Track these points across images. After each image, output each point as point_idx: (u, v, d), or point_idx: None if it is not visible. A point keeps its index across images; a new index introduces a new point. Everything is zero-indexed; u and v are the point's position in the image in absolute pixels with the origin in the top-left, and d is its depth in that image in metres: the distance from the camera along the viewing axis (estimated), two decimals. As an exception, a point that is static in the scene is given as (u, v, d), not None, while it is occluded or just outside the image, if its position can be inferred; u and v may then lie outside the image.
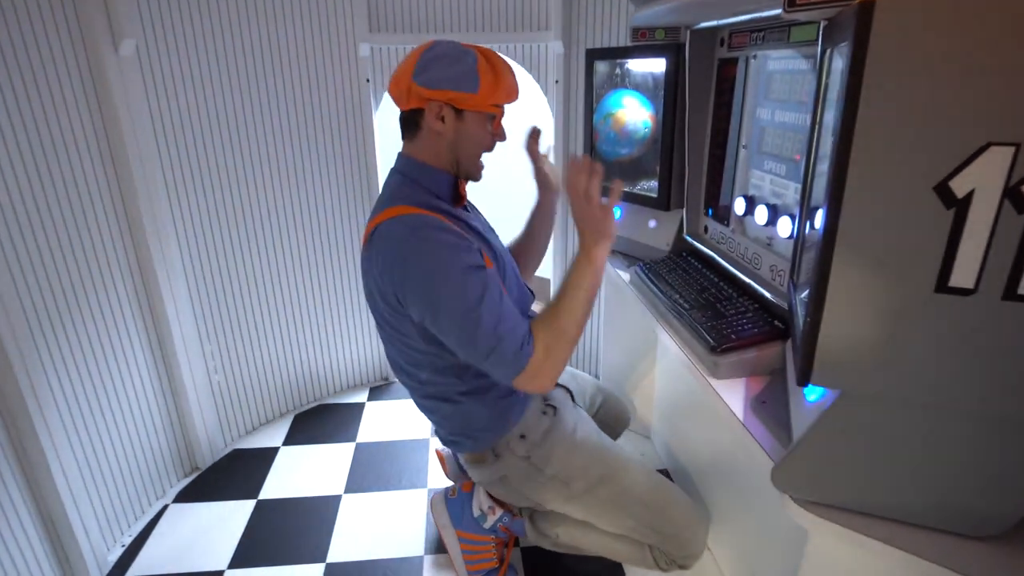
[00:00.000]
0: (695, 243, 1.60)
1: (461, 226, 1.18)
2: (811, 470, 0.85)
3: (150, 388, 1.86)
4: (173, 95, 1.81)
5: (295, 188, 2.17)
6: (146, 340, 1.83)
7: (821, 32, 0.95)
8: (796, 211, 1.20)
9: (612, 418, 1.70)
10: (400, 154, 1.26)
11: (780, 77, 1.23)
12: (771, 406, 1.07)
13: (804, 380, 0.77)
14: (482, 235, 1.25)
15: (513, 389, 1.20)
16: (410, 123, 1.21)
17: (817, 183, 0.92)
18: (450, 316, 1.09)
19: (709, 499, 1.70)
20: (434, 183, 1.22)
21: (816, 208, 0.95)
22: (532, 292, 1.40)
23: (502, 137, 1.25)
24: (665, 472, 2.02)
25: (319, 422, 2.35)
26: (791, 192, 1.22)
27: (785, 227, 1.19)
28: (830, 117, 0.80)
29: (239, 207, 2.05)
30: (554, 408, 1.38)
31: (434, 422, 1.40)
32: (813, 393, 0.87)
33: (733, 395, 1.15)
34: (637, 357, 2.12)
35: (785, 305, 1.21)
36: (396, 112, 1.22)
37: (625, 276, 1.74)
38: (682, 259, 1.61)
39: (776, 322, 1.23)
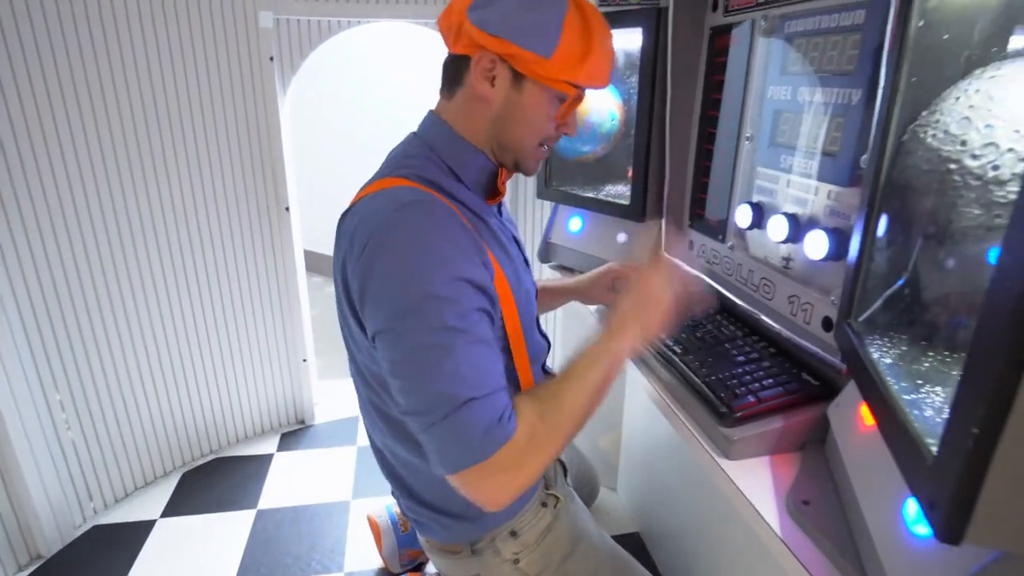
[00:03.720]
0: (677, 261, 1.27)
1: (479, 226, 0.83)
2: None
3: (-42, 458, 1.37)
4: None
5: (177, 190, 1.73)
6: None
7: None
8: (835, 224, 0.88)
9: (586, 492, 1.35)
10: (429, 112, 0.89)
11: (809, 41, 0.91)
12: (819, 510, 0.73)
13: (951, 536, 0.42)
14: (505, 247, 0.88)
15: None
16: (452, 73, 0.85)
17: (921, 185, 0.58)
18: (405, 339, 0.72)
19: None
20: (463, 164, 0.85)
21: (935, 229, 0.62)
22: (548, 340, 1.03)
23: (570, 130, 0.88)
24: (636, 536, 1.68)
25: (212, 482, 1.89)
26: (822, 197, 0.90)
27: (817, 245, 0.87)
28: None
29: (98, 210, 1.59)
30: (556, 499, 1.02)
31: (394, 489, 1.01)
32: (923, 524, 0.53)
33: (754, 484, 0.81)
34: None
35: (817, 350, 0.88)
36: (306, 99, 0.85)
37: (590, 306, 1.39)
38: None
39: (805, 375, 0.90)
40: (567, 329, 1.97)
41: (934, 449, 0.48)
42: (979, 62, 0.58)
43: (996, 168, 0.53)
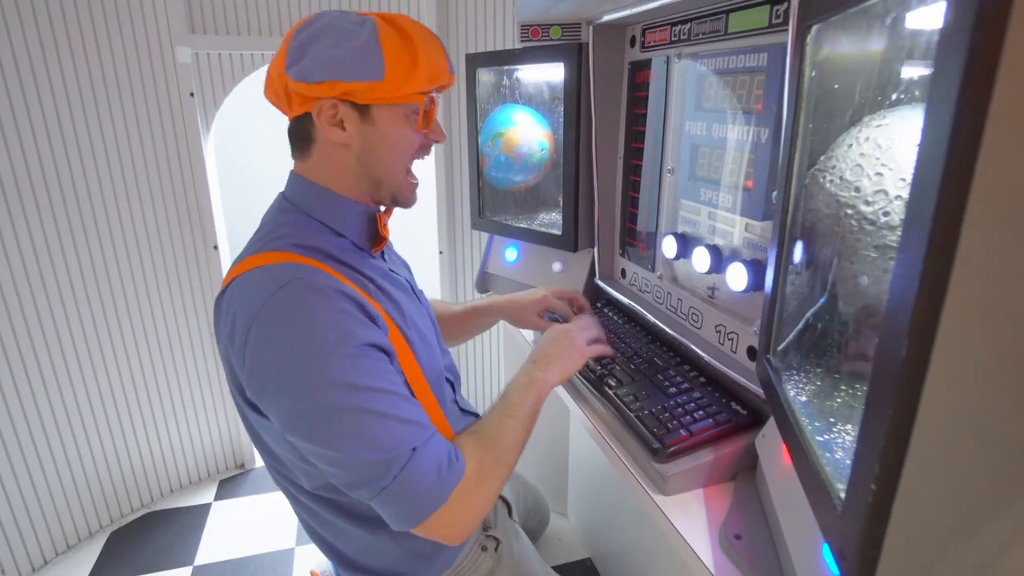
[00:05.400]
0: (610, 290, 1.28)
1: (366, 286, 0.80)
2: None
3: None
4: None
5: (93, 230, 1.64)
6: None
7: (796, 5, 0.65)
8: (753, 256, 0.90)
9: (535, 522, 1.34)
10: (291, 173, 0.86)
11: (720, 79, 0.93)
12: (750, 545, 0.74)
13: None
14: (395, 299, 0.85)
15: None
16: (299, 135, 0.82)
17: (820, 225, 0.60)
18: (325, 426, 0.70)
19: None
20: (337, 218, 0.83)
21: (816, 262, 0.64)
22: (456, 374, 1.03)
23: (439, 136, 0.86)
24: (588, 562, 1.67)
25: (144, 540, 1.78)
26: (740, 230, 0.93)
27: (738, 277, 0.89)
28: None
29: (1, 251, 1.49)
30: (497, 541, 1.00)
31: (321, 549, 0.96)
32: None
33: (689, 519, 0.81)
34: (545, 422, 1.77)
35: (742, 379, 0.90)
36: (238, 134, 0.81)
37: (528, 335, 1.39)
38: (597, 312, 1.29)
39: (734, 404, 0.91)
40: (507, 362, 1.96)
41: (843, 495, 0.49)
42: (867, 110, 0.61)
43: (887, 214, 0.55)
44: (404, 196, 0.87)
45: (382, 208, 0.89)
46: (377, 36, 0.75)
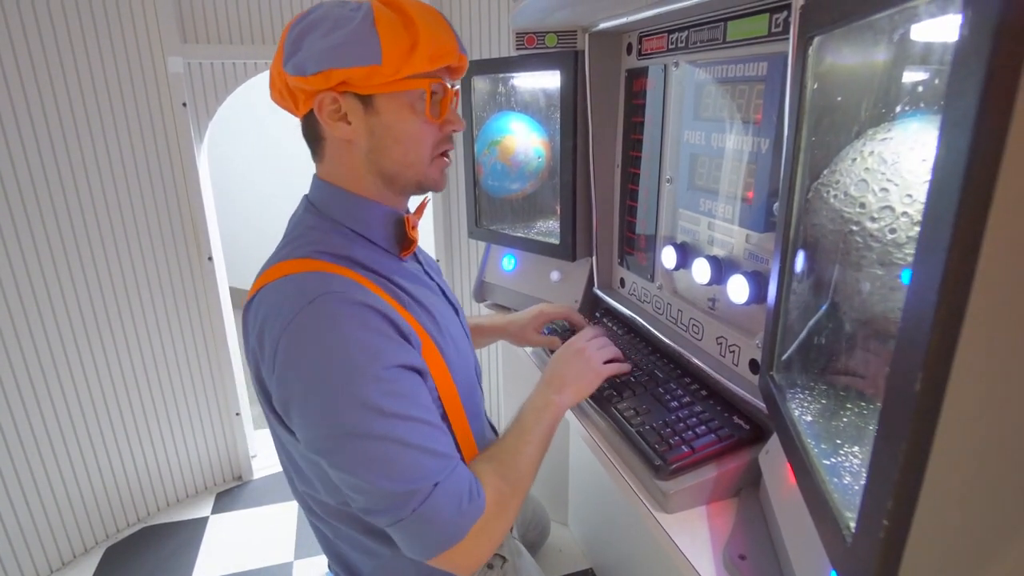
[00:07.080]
0: (609, 300, 1.27)
1: (399, 295, 0.77)
2: None
3: None
4: None
5: (85, 243, 1.62)
6: None
7: (797, 16, 0.64)
8: (754, 267, 0.89)
9: (535, 534, 1.32)
10: (314, 176, 0.83)
11: (719, 88, 0.92)
12: (755, 565, 0.72)
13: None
14: (427, 308, 0.82)
15: None
16: (310, 135, 0.80)
17: (823, 238, 0.59)
18: (350, 448, 0.68)
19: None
20: (362, 222, 0.80)
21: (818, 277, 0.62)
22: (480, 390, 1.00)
23: (456, 123, 0.81)
24: (590, 573, 1.66)
25: (141, 556, 1.76)
26: (740, 241, 0.91)
27: (739, 289, 0.87)
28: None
29: (-8, 279, 1.47)
30: (503, 559, 0.99)
31: (335, 564, 0.95)
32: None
33: (692, 537, 0.79)
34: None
35: (745, 393, 0.88)
36: (232, 144, 0.80)
37: (528, 349, 1.37)
38: (596, 322, 1.27)
39: (737, 419, 0.90)
40: (506, 375, 1.95)
41: (852, 524, 0.47)
42: (871, 123, 0.59)
43: (893, 231, 0.54)
44: (430, 183, 0.82)
45: (411, 210, 0.86)
46: (372, 18, 0.71)
